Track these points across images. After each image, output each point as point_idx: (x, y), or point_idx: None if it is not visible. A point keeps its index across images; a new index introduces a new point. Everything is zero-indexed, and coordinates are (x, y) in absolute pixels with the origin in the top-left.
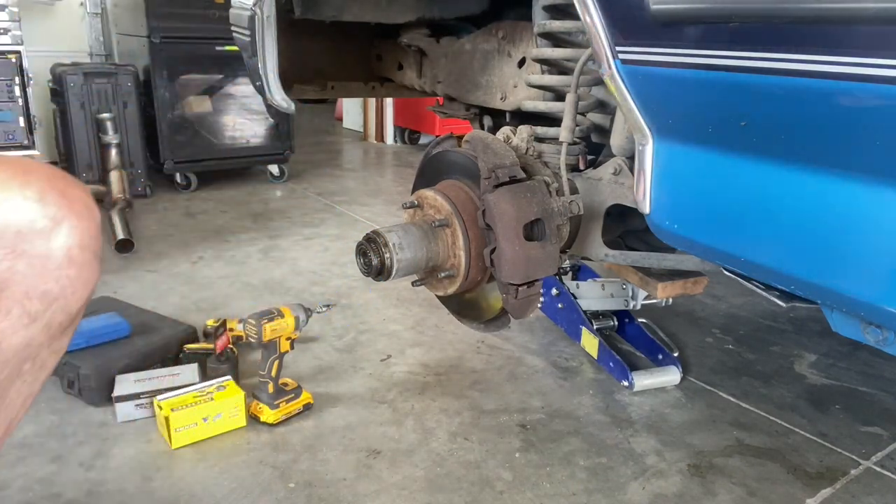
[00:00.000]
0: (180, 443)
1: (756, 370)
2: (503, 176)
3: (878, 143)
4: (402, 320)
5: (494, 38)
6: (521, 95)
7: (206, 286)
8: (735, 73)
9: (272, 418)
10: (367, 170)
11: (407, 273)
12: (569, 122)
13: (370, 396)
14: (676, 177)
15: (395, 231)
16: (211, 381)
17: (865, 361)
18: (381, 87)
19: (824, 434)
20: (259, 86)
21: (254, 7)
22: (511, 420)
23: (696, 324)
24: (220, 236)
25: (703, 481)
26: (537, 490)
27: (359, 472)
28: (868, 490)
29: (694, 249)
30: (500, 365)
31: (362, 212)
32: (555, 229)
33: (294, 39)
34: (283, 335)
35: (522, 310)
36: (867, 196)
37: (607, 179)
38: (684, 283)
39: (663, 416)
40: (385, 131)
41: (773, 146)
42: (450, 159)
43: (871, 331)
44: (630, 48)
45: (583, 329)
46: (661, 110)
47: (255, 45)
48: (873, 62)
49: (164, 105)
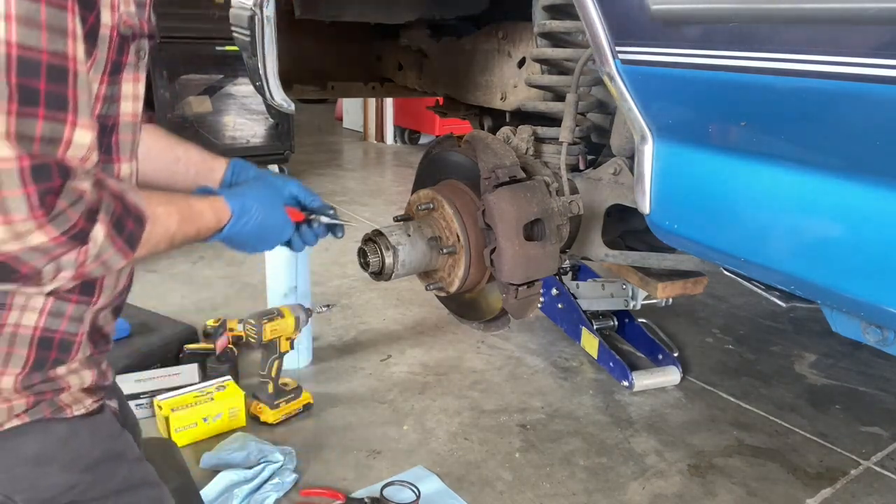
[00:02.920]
0: (180, 443)
1: (756, 370)
2: (503, 176)
3: (877, 143)
4: (402, 320)
5: (494, 38)
6: (521, 95)
7: (206, 286)
8: (735, 73)
9: (272, 418)
10: (367, 170)
11: (408, 273)
12: (569, 122)
13: (370, 396)
14: (676, 177)
15: (396, 231)
16: (211, 381)
17: (865, 361)
18: (381, 87)
19: (824, 434)
20: (259, 86)
21: (254, 7)
22: (511, 420)
23: (696, 324)
24: None
25: (703, 481)
26: (537, 490)
27: (359, 472)
28: (868, 490)
29: (694, 249)
30: (500, 365)
31: (362, 212)
32: (555, 229)
33: (294, 39)
34: (283, 335)
35: (522, 310)
36: (867, 196)
37: (607, 179)
38: (684, 283)
39: (663, 416)
40: (385, 131)
41: (772, 146)
42: (450, 159)
43: (871, 331)
44: (630, 48)
45: (583, 329)
46: (660, 110)
47: (255, 45)
48: (873, 62)
49: (163, 105)
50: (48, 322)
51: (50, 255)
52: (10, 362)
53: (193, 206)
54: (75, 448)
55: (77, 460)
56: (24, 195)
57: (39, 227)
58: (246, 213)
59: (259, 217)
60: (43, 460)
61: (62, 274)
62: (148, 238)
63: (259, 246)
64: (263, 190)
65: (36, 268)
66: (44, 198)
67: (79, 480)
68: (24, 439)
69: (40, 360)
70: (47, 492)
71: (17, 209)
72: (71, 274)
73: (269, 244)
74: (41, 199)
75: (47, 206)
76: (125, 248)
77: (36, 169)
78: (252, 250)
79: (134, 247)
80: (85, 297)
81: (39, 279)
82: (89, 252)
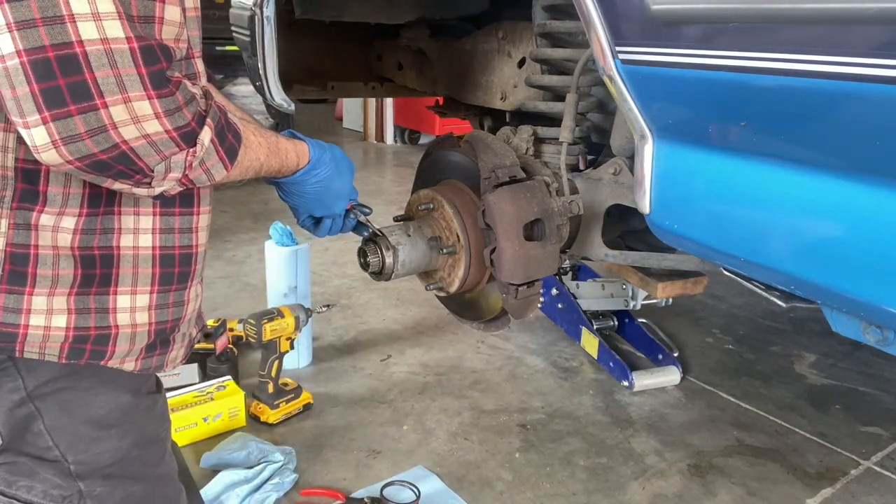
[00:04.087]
0: (180, 443)
1: (756, 370)
2: (503, 176)
3: (877, 143)
4: (402, 320)
5: (494, 38)
6: (521, 95)
7: (205, 286)
8: (735, 73)
9: (272, 418)
10: (366, 170)
11: (408, 273)
12: (569, 123)
13: (370, 396)
14: (676, 177)
15: (396, 231)
16: (211, 381)
17: (865, 361)
18: (381, 87)
19: (824, 434)
20: (259, 86)
21: (254, 7)
22: (511, 420)
23: (696, 324)
24: (220, 236)
25: (703, 481)
26: (537, 490)
27: (359, 472)
28: (868, 490)
29: (694, 249)
30: (500, 365)
31: None
32: (555, 229)
33: (294, 39)
34: (283, 335)
35: (522, 310)
36: (867, 196)
37: (607, 179)
38: (684, 283)
39: (663, 416)
40: (385, 131)
41: (772, 146)
42: (450, 159)
43: (871, 331)
44: (630, 48)
45: (583, 329)
46: (660, 110)
47: (255, 45)
48: (873, 62)
49: None
50: (163, 240)
51: (162, 152)
52: (139, 281)
53: (280, 143)
54: (135, 420)
55: (133, 432)
56: (137, 75)
57: (155, 113)
58: (322, 165)
59: (330, 174)
60: (104, 424)
61: (171, 174)
62: (241, 159)
63: (316, 204)
64: (341, 156)
65: (150, 164)
66: (155, 78)
67: (128, 452)
68: (96, 399)
69: (166, 276)
70: (99, 458)
71: (133, 87)
72: (179, 174)
73: (325, 207)
74: (152, 79)
75: (159, 87)
76: (226, 159)
77: (143, 50)
78: (306, 206)
79: (233, 159)
80: (187, 209)
81: (151, 178)
82: (196, 154)
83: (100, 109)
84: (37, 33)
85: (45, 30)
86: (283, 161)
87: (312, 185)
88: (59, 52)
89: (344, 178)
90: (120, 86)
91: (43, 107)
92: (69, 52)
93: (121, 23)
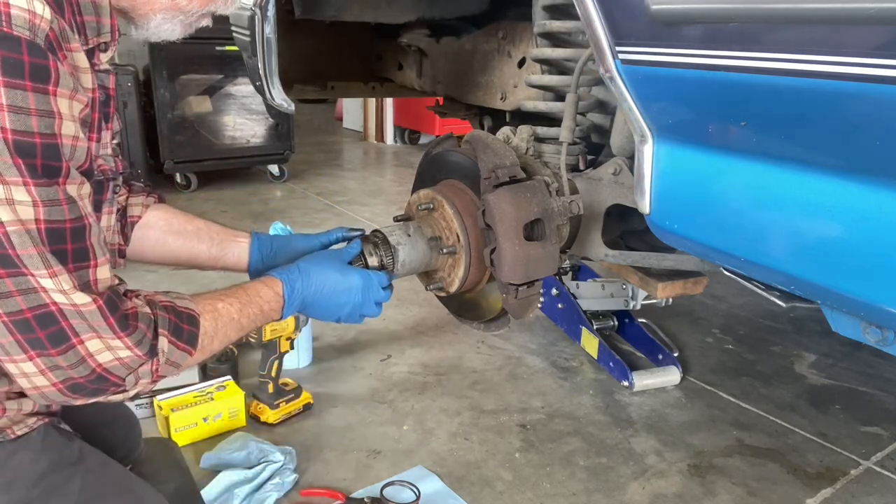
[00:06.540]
0: (180, 443)
1: (756, 370)
2: (503, 176)
3: (877, 143)
4: (402, 320)
5: (494, 38)
6: (521, 95)
7: (205, 286)
8: (735, 73)
9: (272, 418)
10: (367, 170)
11: (408, 273)
12: (569, 122)
13: (370, 396)
14: (676, 177)
15: (396, 231)
16: (211, 381)
17: (865, 361)
18: (381, 87)
19: (824, 434)
20: (259, 86)
21: (254, 7)
22: (511, 420)
23: (696, 324)
24: None
25: (703, 481)
26: (537, 490)
27: (359, 472)
28: (868, 490)
29: (694, 249)
30: (500, 365)
31: (362, 212)
32: (555, 229)
33: (294, 39)
34: (283, 335)
35: (522, 310)
36: (867, 196)
37: (607, 179)
38: (684, 283)
39: (663, 416)
40: (385, 131)
41: (773, 146)
42: (450, 159)
43: (871, 331)
44: (630, 48)
45: (583, 329)
46: (660, 110)
47: (255, 45)
48: (873, 62)
49: (163, 105)
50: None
51: (131, 368)
52: None
53: (248, 289)
54: (14, 468)
55: (19, 479)
56: (108, 325)
57: (126, 345)
58: (300, 276)
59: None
60: None
61: (141, 381)
62: (215, 332)
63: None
64: (318, 256)
65: (121, 377)
66: (121, 321)
67: (27, 496)
68: None
69: None
70: None
71: (107, 333)
72: (148, 381)
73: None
74: (119, 323)
75: (126, 326)
76: (187, 347)
77: (107, 302)
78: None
79: (194, 345)
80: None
81: (124, 387)
82: (160, 361)
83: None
84: (14, 302)
85: (21, 298)
86: (260, 303)
87: (312, 296)
88: (35, 312)
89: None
90: (97, 334)
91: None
92: (46, 311)
93: (83, 293)
